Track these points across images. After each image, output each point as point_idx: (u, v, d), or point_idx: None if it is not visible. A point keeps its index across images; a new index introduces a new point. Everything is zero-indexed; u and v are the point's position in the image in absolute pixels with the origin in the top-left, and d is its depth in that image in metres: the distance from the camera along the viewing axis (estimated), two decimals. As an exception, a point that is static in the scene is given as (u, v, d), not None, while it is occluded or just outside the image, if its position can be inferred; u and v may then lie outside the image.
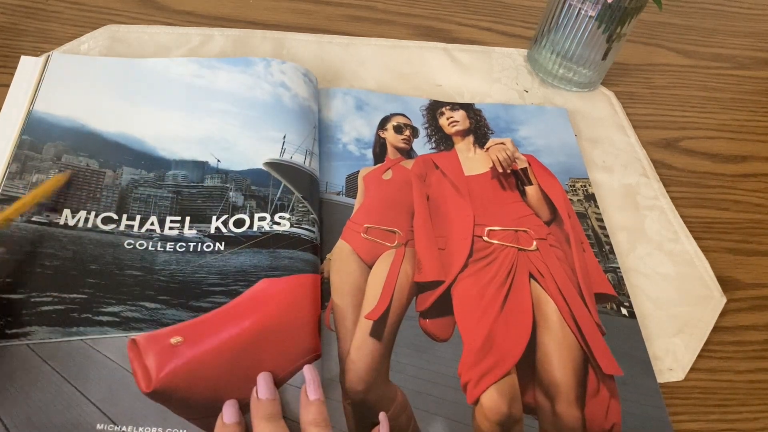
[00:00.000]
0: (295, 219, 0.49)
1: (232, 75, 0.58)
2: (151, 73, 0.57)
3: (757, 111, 0.74)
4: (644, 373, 0.46)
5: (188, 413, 0.38)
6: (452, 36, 0.74)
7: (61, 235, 0.45)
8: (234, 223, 0.49)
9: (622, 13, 0.61)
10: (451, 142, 0.59)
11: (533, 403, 0.43)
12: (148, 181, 0.50)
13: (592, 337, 0.47)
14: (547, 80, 0.69)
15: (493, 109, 0.64)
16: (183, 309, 0.42)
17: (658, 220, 0.58)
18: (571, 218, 0.55)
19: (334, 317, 0.45)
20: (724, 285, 0.54)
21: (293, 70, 0.59)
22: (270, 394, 0.38)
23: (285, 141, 0.53)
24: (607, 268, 0.52)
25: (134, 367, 0.38)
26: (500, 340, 0.45)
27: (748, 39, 0.84)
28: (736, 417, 0.46)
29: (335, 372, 0.42)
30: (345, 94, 0.62)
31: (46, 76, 0.55)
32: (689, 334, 0.50)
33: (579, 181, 0.59)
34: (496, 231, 0.52)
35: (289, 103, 0.56)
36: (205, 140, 0.53)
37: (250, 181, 0.51)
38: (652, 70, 0.76)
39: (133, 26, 0.64)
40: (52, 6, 0.65)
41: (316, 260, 0.47)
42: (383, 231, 0.51)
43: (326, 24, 0.71)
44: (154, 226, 0.47)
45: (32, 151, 0.50)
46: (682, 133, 0.69)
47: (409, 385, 0.43)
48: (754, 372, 0.49)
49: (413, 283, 0.48)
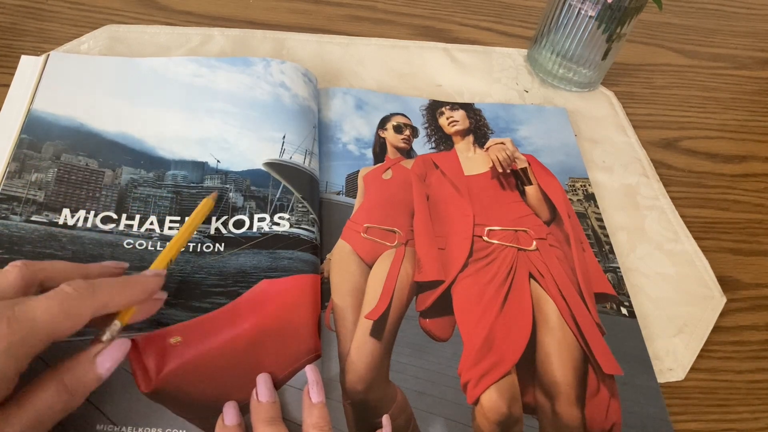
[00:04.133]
0: (294, 219, 0.49)
1: (232, 75, 0.58)
2: (151, 72, 0.57)
3: (757, 111, 0.74)
4: (644, 372, 0.46)
5: (188, 413, 0.38)
6: (452, 36, 0.74)
7: (60, 235, 0.45)
8: (234, 224, 0.49)
9: (622, 13, 0.61)
10: (451, 142, 0.59)
11: (533, 403, 0.43)
12: (147, 181, 0.50)
13: (592, 337, 0.47)
14: (547, 80, 0.69)
15: (493, 109, 0.64)
16: (182, 309, 0.42)
17: (658, 220, 0.58)
18: (570, 218, 0.55)
19: (334, 317, 0.45)
20: (724, 285, 0.54)
21: (293, 70, 0.59)
22: (270, 396, 0.38)
23: (284, 141, 0.53)
24: (606, 267, 0.52)
25: (134, 367, 0.38)
26: (500, 340, 0.45)
27: (748, 39, 0.84)
28: (736, 417, 0.46)
29: (335, 372, 0.42)
30: (345, 93, 0.62)
31: (45, 76, 0.55)
32: (689, 334, 0.50)
33: (579, 180, 0.59)
34: (496, 231, 0.52)
35: (288, 103, 0.56)
36: (205, 140, 0.53)
37: (249, 182, 0.51)
38: (652, 70, 0.76)
39: (133, 26, 0.64)
40: (52, 6, 0.65)
41: (316, 260, 0.47)
42: (383, 231, 0.51)
43: (326, 24, 0.71)
44: (154, 226, 0.47)
45: (31, 150, 0.50)
46: (682, 133, 0.69)
47: (409, 385, 0.43)
48: (754, 372, 0.49)
49: (413, 282, 0.48)
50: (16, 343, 0.29)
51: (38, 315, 0.30)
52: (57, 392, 0.31)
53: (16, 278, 0.33)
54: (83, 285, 0.32)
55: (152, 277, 0.37)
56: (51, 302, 0.31)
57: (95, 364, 0.32)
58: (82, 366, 0.32)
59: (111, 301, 0.34)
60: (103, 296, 0.33)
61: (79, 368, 0.32)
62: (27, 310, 0.30)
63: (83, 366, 0.32)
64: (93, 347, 0.33)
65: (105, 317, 0.34)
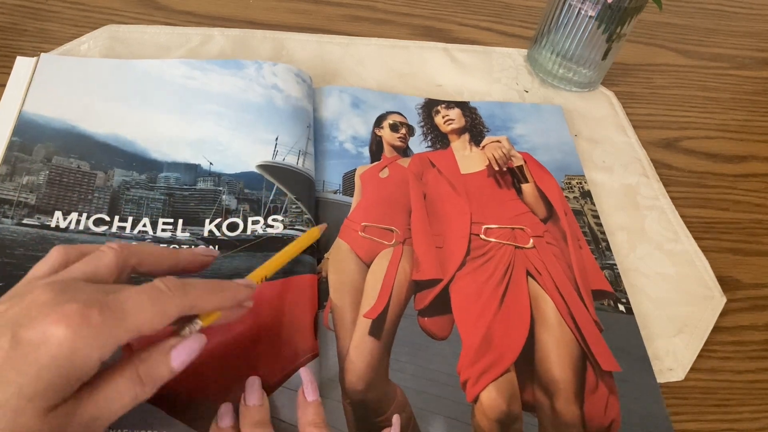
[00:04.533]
0: (288, 221, 0.49)
1: (224, 78, 0.58)
2: (143, 74, 0.57)
3: (757, 111, 0.74)
4: (642, 369, 0.46)
5: (183, 415, 0.38)
6: (452, 36, 0.74)
7: (52, 238, 0.45)
8: (227, 227, 0.48)
9: (622, 13, 0.61)
10: (447, 141, 0.59)
11: (532, 400, 0.43)
12: (140, 183, 0.50)
13: (590, 334, 0.46)
14: (547, 80, 0.69)
15: (489, 107, 0.64)
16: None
17: (658, 220, 0.58)
18: (567, 215, 0.55)
19: (332, 316, 0.45)
20: (724, 285, 0.54)
21: (285, 71, 0.59)
22: (258, 400, 0.37)
23: (277, 143, 0.53)
24: (603, 264, 0.52)
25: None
26: (499, 338, 0.45)
27: (748, 39, 0.84)
28: (736, 417, 0.46)
29: (334, 371, 0.42)
30: (341, 92, 0.62)
31: (36, 78, 0.54)
32: (689, 334, 0.50)
33: (575, 178, 0.59)
34: (493, 229, 0.52)
35: (281, 105, 0.56)
36: (198, 142, 0.53)
37: (243, 184, 0.51)
38: (652, 70, 0.76)
39: (133, 26, 0.64)
40: (52, 6, 0.65)
41: (312, 261, 0.47)
42: (381, 229, 0.51)
43: (326, 24, 0.71)
44: (147, 228, 0.47)
45: (22, 152, 0.49)
46: (682, 133, 0.69)
47: (409, 384, 0.42)
48: (754, 372, 0.49)
49: (411, 281, 0.48)
50: (106, 333, 0.29)
51: (129, 307, 0.30)
52: (130, 381, 0.31)
53: (111, 260, 0.33)
54: (177, 284, 0.32)
55: (244, 286, 0.36)
56: (143, 297, 0.31)
57: (170, 357, 0.32)
58: (157, 358, 0.32)
59: (200, 303, 0.33)
60: (193, 297, 0.33)
61: (153, 360, 0.32)
62: (120, 300, 0.30)
63: (158, 358, 0.32)
64: (170, 340, 0.33)
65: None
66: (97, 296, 0.29)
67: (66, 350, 0.27)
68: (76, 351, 0.28)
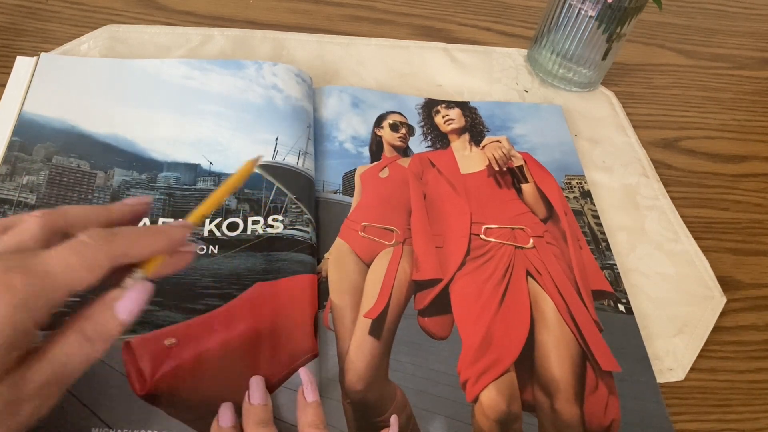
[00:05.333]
0: (288, 221, 0.49)
1: (224, 78, 0.58)
2: (142, 74, 0.57)
3: (757, 111, 0.74)
4: (642, 369, 0.46)
5: (183, 415, 0.38)
6: (452, 36, 0.74)
7: None
8: (227, 227, 0.48)
9: (622, 13, 0.61)
10: (447, 141, 0.59)
11: (532, 400, 0.43)
12: (140, 182, 0.50)
13: (590, 334, 0.46)
14: (547, 80, 0.69)
15: (489, 107, 0.64)
16: (176, 311, 0.42)
17: (658, 220, 0.58)
18: (567, 215, 0.55)
19: (332, 316, 0.45)
20: (724, 285, 0.54)
21: (285, 71, 0.59)
22: (262, 399, 0.37)
23: (277, 143, 0.53)
24: (603, 264, 0.52)
25: (128, 370, 0.38)
26: (498, 338, 0.45)
27: (748, 39, 0.84)
28: (736, 417, 0.46)
29: (334, 371, 0.42)
30: (341, 92, 0.62)
31: (36, 77, 0.54)
32: (689, 334, 0.50)
33: (575, 178, 0.59)
34: (493, 229, 0.52)
35: (281, 105, 0.56)
36: (197, 142, 0.53)
37: (243, 185, 0.51)
38: (652, 70, 0.76)
39: (134, 26, 0.64)
40: (52, 6, 0.65)
41: (312, 261, 0.47)
42: (381, 229, 0.51)
43: (326, 24, 0.71)
44: None
45: (22, 152, 0.49)
46: (682, 133, 0.69)
47: (409, 384, 0.42)
48: (754, 372, 0.49)
49: (411, 281, 0.48)
50: (33, 296, 0.28)
51: (54, 266, 0.29)
52: (77, 341, 0.30)
53: (35, 228, 0.31)
54: (101, 233, 0.31)
55: (179, 227, 0.34)
56: (67, 252, 0.29)
57: (116, 310, 0.31)
58: (102, 312, 0.31)
59: (131, 250, 0.32)
60: (122, 244, 0.31)
61: (98, 315, 0.30)
62: (42, 262, 0.29)
63: (103, 312, 0.31)
64: (111, 293, 0.31)
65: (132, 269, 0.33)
66: (18, 262, 0.28)
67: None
68: (5, 319, 0.27)
